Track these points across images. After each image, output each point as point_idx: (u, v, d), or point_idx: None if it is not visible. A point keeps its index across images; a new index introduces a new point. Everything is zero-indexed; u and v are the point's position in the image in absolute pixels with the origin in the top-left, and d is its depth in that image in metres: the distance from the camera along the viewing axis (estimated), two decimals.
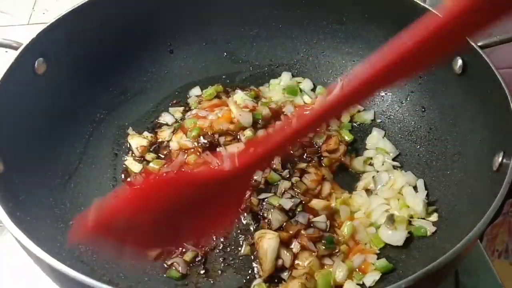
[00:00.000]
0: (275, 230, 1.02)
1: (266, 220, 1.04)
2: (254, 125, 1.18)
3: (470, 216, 0.94)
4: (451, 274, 1.07)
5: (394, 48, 0.59)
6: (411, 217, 1.06)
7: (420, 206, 1.06)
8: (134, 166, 1.17)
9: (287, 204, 1.05)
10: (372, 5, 1.23)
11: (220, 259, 1.02)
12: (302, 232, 1.02)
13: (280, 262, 0.99)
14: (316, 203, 1.06)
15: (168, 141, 1.20)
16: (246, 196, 1.05)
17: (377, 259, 1.01)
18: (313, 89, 1.33)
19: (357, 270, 0.99)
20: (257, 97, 1.28)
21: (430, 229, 1.03)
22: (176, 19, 1.30)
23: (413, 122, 1.22)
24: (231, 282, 1.00)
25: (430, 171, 1.13)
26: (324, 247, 1.00)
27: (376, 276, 0.98)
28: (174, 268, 1.00)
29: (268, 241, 0.98)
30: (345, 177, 1.16)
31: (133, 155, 1.19)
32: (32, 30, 1.04)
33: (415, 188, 1.11)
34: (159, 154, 1.19)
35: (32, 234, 0.78)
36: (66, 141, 1.14)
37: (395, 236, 1.03)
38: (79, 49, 1.15)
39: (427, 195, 1.09)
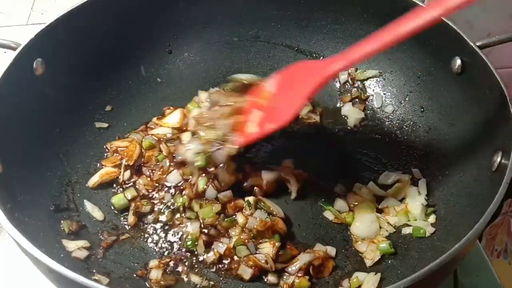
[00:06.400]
0: None
1: None
2: None
3: (469, 216, 0.94)
4: (451, 274, 1.07)
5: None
6: (408, 219, 1.06)
7: (418, 209, 1.06)
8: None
9: None
10: (370, 5, 1.23)
11: None
12: None
13: None
14: None
15: None
16: None
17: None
18: None
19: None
20: None
21: (429, 230, 1.03)
22: (175, 19, 1.30)
23: (412, 122, 1.22)
24: None
25: (428, 171, 1.13)
26: None
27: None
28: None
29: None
30: None
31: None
32: (30, 30, 1.04)
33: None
34: None
35: (30, 235, 0.78)
36: (65, 141, 1.14)
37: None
38: (77, 49, 1.15)
39: (426, 195, 1.09)
